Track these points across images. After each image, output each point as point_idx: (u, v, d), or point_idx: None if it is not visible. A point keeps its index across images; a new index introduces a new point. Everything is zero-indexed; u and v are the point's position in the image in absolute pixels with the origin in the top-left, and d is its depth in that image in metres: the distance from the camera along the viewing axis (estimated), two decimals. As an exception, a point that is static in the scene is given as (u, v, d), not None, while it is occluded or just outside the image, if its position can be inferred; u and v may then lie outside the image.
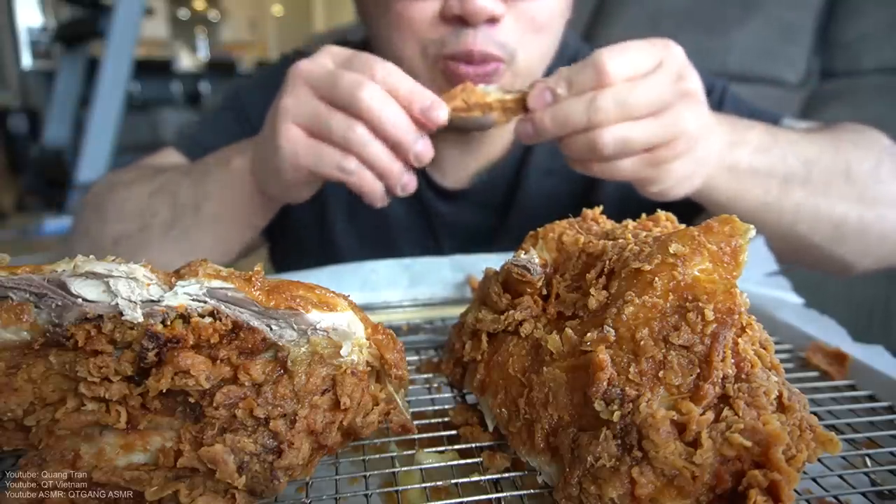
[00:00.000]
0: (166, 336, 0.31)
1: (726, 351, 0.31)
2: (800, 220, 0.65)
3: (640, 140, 0.51)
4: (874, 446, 0.38)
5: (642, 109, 0.50)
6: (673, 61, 0.52)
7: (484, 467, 0.37)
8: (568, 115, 0.51)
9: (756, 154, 0.61)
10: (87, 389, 0.32)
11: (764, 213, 0.63)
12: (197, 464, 0.31)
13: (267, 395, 0.33)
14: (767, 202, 0.63)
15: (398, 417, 0.39)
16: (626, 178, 0.55)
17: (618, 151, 0.51)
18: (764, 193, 0.62)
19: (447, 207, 0.84)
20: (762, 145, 0.61)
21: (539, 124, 0.52)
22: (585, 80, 0.50)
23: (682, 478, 0.29)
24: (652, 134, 0.51)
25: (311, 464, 0.34)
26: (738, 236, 0.35)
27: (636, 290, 0.34)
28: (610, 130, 0.50)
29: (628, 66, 0.50)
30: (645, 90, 0.50)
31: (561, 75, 0.52)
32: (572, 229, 0.44)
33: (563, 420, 0.34)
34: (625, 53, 0.50)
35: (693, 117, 0.52)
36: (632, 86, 0.50)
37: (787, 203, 0.63)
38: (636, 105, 0.50)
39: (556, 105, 0.52)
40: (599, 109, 0.49)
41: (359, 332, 0.35)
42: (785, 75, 1.47)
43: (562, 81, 0.51)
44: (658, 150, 0.52)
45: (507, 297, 0.42)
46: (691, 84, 0.52)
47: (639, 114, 0.50)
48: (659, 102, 0.51)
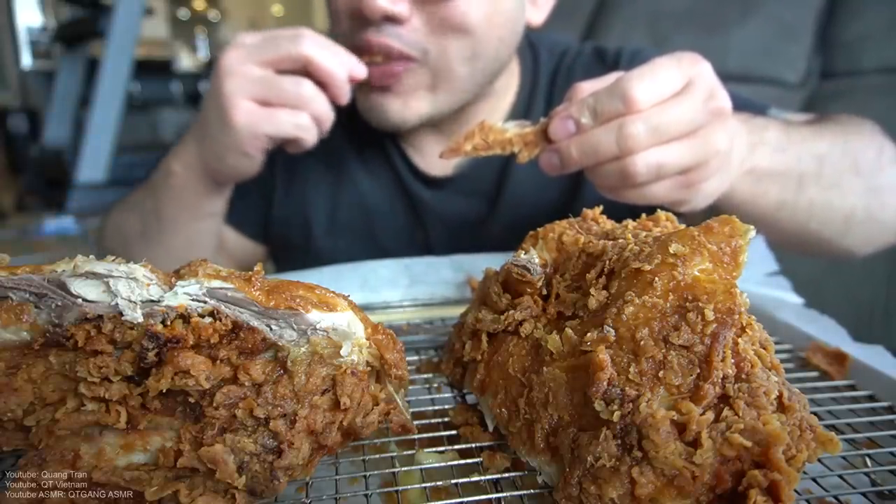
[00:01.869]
0: (166, 336, 0.31)
1: (726, 351, 0.31)
2: (813, 217, 0.64)
3: (674, 164, 0.49)
4: (874, 446, 0.38)
5: (674, 133, 0.48)
6: (702, 80, 0.49)
7: (484, 467, 0.37)
8: (597, 144, 0.49)
9: (774, 154, 0.60)
10: (87, 389, 0.32)
11: (780, 211, 0.63)
12: (197, 464, 0.31)
13: (267, 395, 0.33)
14: (784, 201, 0.62)
15: (398, 417, 0.39)
16: (659, 202, 0.53)
17: (651, 177, 0.49)
18: (781, 192, 0.61)
19: (432, 195, 0.84)
20: (779, 145, 0.60)
21: (565, 155, 0.50)
22: (612, 108, 0.48)
23: (682, 478, 0.29)
24: (686, 157, 0.49)
25: (311, 464, 0.34)
26: (738, 237, 0.35)
27: (636, 290, 0.34)
28: (642, 157, 0.48)
29: (656, 90, 0.48)
30: (676, 113, 0.48)
31: (585, 103, 0.49)
32: (572, 229, 0.44)
33: (563, 420, 0.34)
34: (652, 77, 0.48)
35: (724, 136, 0.51)
36: (662, 110, 0.48)
37: (801, 200, 0.63)
38: (668, 129, 0.48)
39: (582, 135, 0.49)
40: (630, 137, 0.47)
41: (359, 332, 0.35)
42: (785, 75, 1.47)
43: (585, 110, 0.49)
44: (691, 172, 0.51)
45: (507, 297, 0.42)
46: (721, 102, 0.50)
47: (671, 137, 0.48)
48: (691, 124, 0.49)
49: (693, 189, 0.52)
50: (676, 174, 0.50)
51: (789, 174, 0.61)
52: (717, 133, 0.50)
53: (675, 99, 0.48)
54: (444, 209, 0.84)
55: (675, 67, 0.49)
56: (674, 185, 0.51)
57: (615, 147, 0.48)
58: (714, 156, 0.50)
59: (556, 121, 0.50)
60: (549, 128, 0.51)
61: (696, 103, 0.49)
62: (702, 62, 0.50)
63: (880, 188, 0.66)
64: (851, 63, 1.43)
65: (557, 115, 0.51)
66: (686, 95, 0.48)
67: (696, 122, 0.49)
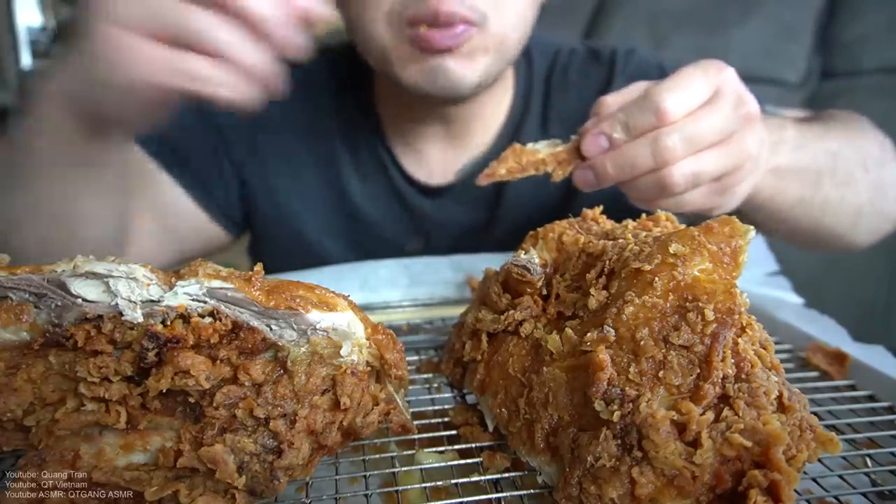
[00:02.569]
0: (166, 336, 0.31)
1: (726, 351, 0.31)
2: (827, 212, 0.65)
3: (711, 171, 0.50)
4: (874, 446, 0.38)
5: (708, 141, 0.49)
6: (729, 87, 0.50)
7: (484, 467, 0.37)
8: (633, 158, 0.48)
9: (794, 152, 0.60)
10: (86, 389, 0.32)
11: (798, 208, 0.63)
12: (197, 464, 0.31)
13: (267, 395, 0.33)
14: (802, 197, 0.63)
15: (398, 417, 0.39)
16: (694, 210, 0.54)
17: (688, 186, 0.50)
18: (800, 189, 0.62)
19: (431, 204, 0.83)
20: (797, 143, 0.61)
21: (601, 171, 0.50)
22: (645, 122, 0.48)
23: (682, 478, 0.29)
24: (721, 164, 0.50)
25: (311, 464, 0.34)
26: (738, 237, 0.35)
27: (636, 290, 0.34)
28: (679, 167, 0.48)
29: (687, 101, 0.48)
30: (709, 122, 0.48)
31: (616, 119, 0.49)
32: (572, 229, 0.44)
33: (563, 420, 0.34)
34: (681, 87, 0.48)
35: (755, 140, 0.51)
36: (695, 119, 0.48)
37: (817, 196, 0.64)
38: (702, 138, 0.48)
39: (617, 150, 0.49)
40: (666, 149, 0.47)
41: (359, 332, 0.35)
42: (785, 75, 1.47)
43: (617, 125, 0.49)
44: (726, 178, 0.51)
45: (507, 297, 0.42)
46: (751, 107, 0.50)
47: (705, 146, 0.49)
48: (724, 132, 0.49)
49: (727, 194, 0.53)
50: (712, 181, 0.51)
51: (807, 171, 0.62)
52: (748, 138, 0.50)
53: (705, 108, 0.49)
54: (444, 218, 0.84)
55: (702, 76, 0.49)
56: (709, 192, 0.52)
57: (651, 160, 0.48)
58: (747, 160, 0.51)
59: (589, 138, 0.50)
60: (582, 145, 0.51)
61: (727, 110, 0.49)
62: (727, 69, 0.50)
63: (886, 183, 0.68)
64: (851, 63, 1.43)
65: (588, 131, 0.51)
66: (716, 103, 0.49)
67: (728, 129, 0.49)
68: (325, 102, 0.84)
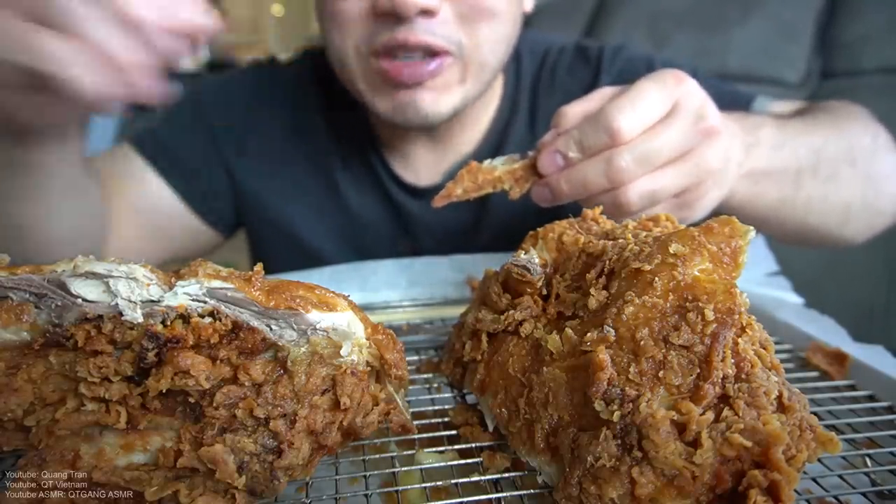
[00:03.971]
0: (166, 336, 0.31)
1: (726, 351, 0.31)
2: (811, 211, 0.64)
3: (667, 190, 0.49)
4: (874, 446, 0.38)
5: (664, 159, 0.48)
6: (689, 100, 0.48)
7: (484, 467, 0.37)
8: (585, 178, 0.48)
9: (771, 153, 0.59)
10: (87, 389, 0.32)
11: (779, 208, 0.62)
12: (197, 464, 0.31)
13: (267, 395, 0.33)
14: (783, 198, 0.62)
15: (398, 417, 0.39)
16: None
17: (646, 204, 0.49)
18: (779, 190, 0.61)
19: (419, 206, 0.83)
20: (775, 142, 0.60)
21: (556, 189, 0.50)
22: (598, 141, 0.47)
23: (682, 478, 0.29)
24: (678, 181, 0.49)
25: (311, 464, 0.34)
26: (738, 237, 0.35)
27: (636, 290, 0.34)
28: (634, 187, 0.47)
29: (641, 118, 0.47)
30: (664, 139, 0.47)
31: (571, 137, 0.48)
32: (572, 229, 0.44)
33: (563, 420, 0.34)
34: (635, 104, 0.47)
35: (717, 155, 0.50)
36: (648, 138, 0.47)
37: (799, 196, 0.62)
38: (657, 156, 0.47)
39: (571, 169, 0.49)
40: (619, 170, 0.46)
41: (359, 332, 0.35)
42: (785, 75, 1.47)
43: (572, 143, 0.48)
44: (687, 193, 0.50)
45: (507, 297, 0.42)
46: (711, 121, 0.49)
47: (661, 164, 0.48)
48: (680, 149, 0.48)
49: (690, 208, 0.52)
50: (671, 197, 0.50)
51: (786, 171, 0.61)
52: (708, 153, 0.49)
53: (661, 124, 0.47)
54: (432, 219, 0.84)
55: (660, 90, 0.48)
56: (671, 207, 0.51)
57: (604, 180, 0.47)
58: (707, 176, 0.50)
59: (544, 155, 0.50)
60: (538, 162, 0.50)
61: (685, 126, 0.48)
62: (687, 80, 0.49)
63: (876, 176, 0.66)
64: (851, 63, 1.43)
65: (545, 148, 0.50)
66: (673, 119, 0.48)
67: (685, 146, 0.48)
68: (314, 103, 0.85)
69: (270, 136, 0.84)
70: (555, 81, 0.84)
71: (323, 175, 0.84)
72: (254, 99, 0.85)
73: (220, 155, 0.83)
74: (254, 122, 0.84)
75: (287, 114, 0.84)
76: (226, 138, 0.83)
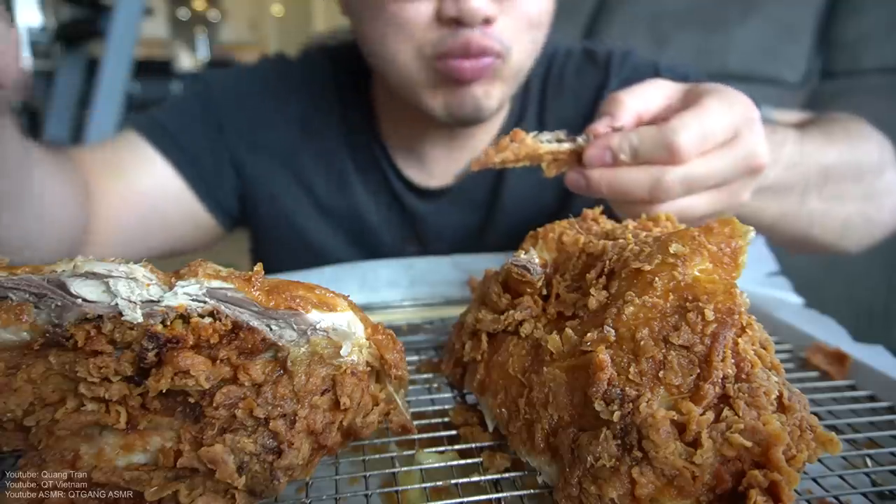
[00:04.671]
0: (166, 336, 0.31)
1: (726, 351, 0.31)
2: (813, 225, 0.65)
3: (698, 213, 0.49)
4: (874, 446, 0.38)
5: (708, 186, 0.48)
6: (748, 135, 0.48)
7: (484, 467, 0.37)
8: (629, 185, 0.48)
9: (783, 171, 0.59)
10: (86, 390, 0.32)
11: (780, 223, 0.63)
12: (197, 464, 0.31)
13: (267, 395, 0.33)
14: (784, 213, 0.62)
15: (398, 417, 0.39)
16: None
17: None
18: (782, 206, 0.62)
19: (427, 207, 0.84)
20: (791, 161, 0.60)
21: (594, 185, 0.49)
22: (656, 155, 0.47)
23: (682, 478, 0.29)
24: (710, 208, 0.49)
25: (311, 464, 0.34)
26: (738, 238, 0.35)
27: (636, 290, 0.34)
28: (669, 206, 0.48)
29: (703, 143, 0.46)
30: (715, 169, 0.47)
31: (628, 140, 0.48)
32: (572, 229, 0.44)
33: (563, 420, 0.34)
34: (703, 127, 0.46)
35: (751, 188, 0.51)
36: (702, 164, 0.47)
37: (802, 211, 0.63)
38: (703, 184, 0.47)
39: (616, 171, 0.48)
40: (666, 189, 0.47)
41: (359, 332, 0.35)
42: (785, 75, 1.47)
43: (626, 146, 0.48)
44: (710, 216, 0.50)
45: (507, 297, 0.42)
46: (761, 159, 0.49)
47: (702, 190, 0.48)
48: (725, 180, 0.48)
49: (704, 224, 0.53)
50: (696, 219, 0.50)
51: (794, 188, 0.61)
52: (746, 188, 0.50)
53: (718, 152, 0.47)
54: (440, 221, 0.84)
55: (728, 117, 0.47)
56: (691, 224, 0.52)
57: (646, 193, 0.47)
58: (737, 205, 0.51)
59: (594, 149, 0.49)
60: (585, 152, 0.50)
61: (737, 160, 0.48)
62: (754, 111, 0.49)
63: (879, 192, 0.67)
64: (851, 63, 1.43)
65: (596, 140, 0.50)
66: (729, 150, 0.48)
67: (730, 178, 0.49)
68: (324, 101, 0.84)
69: (279, 132, 0.84)
70: (563, 84, 0.84)
71: (331, 174, 0.84)
72: (263, 94, 0.85)
73: (228, 149, 0.83)
74: (263, 117, 0.84)
75: (297, 110, 0.84)
76: (234, 133, 0.83)
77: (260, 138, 0.83)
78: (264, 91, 0.85)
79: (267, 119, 0.84)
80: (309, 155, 0.84)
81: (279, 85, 0.86)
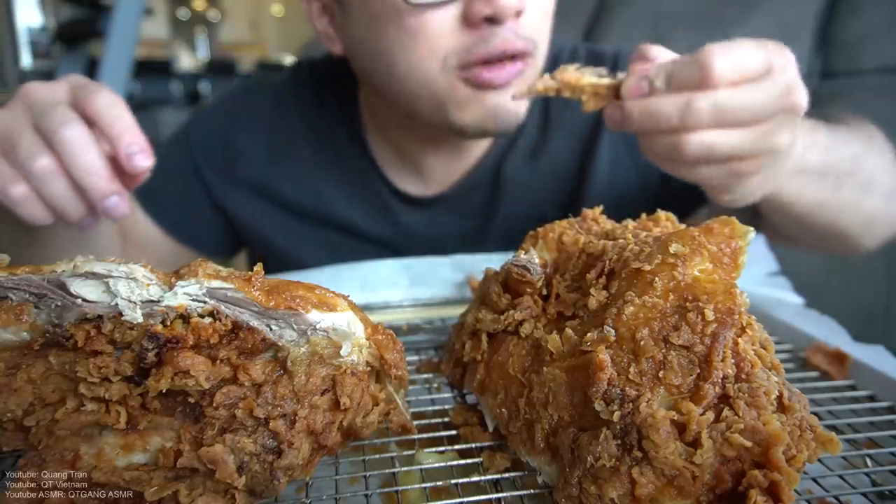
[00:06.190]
0: (166, 336, 0.31)
1: (726, 351, 0.31)
2: (844, 215, 0.64)
3: (727, 150, 0.47)
4: (874, 446, 0.38)
5: (739, 119, 0.46)
6: (784, 71, 0.47)
7: (484, 467, 0.37)
8: (659, 111, 0.47)
9: (822, 155, 0.59)
10: (86, 390, 0.32)
11: (817, 210, 0.62)
12: (197, 464, 0.31)
13: (267, 395, 0.33)
14: (821, 200, 0.61)
15: (398, 417, 0.39)
16: (702, 183, 0.52)
17: (700, 158, 0.48)
18: (820, 192, 0.61)
19: (418, 217, 0.83)
20: (828, 146, 0.59)
21: (629, 113, 0.49)
22: (688, 77, 0.46)
23: (682, 478, 0.29)
24: (740, 146, 0.47)
25: (311, 464, 0.34)
26: (738, 238, 0.35)
27: (636, 290, 0.34)
28: (698, 136, 0.46)
29: (736, 68, 0.45)
30: (747, 99, 0.46)
31: (663, 68, 0.47)
32: (572, 229, 0.44)
33: (563, 420, 0.34)
34: (735, 53, 0.45)
35: (787, 135, 0.49)
36: (734, 92, 0.45)
37: (835, 199, 0.62)
38: (733, 115, 0.46)
39: (649, 98, 0.48)
40: (693, 113, 0.45)
41: (359, 332, 0.35)
42: (785, 75, 1.47)
43: (662, 74, 0.47)
44: (742, 162, 0.49)
45: (507, 297, 0.42)
46: (798, 98, 0.47)
47: (734, 123, 0.47)
48: (758, 115, 0.47)
49: (740, 180, 0.51)
50: (726, 160, 0.49)
51: (831, 174, 0.61)
52: (781, 130, 0.48)
53: (752, 83, 0.46)
54: (431, 231, 0.83)
55: (760, 50, 0.46)
56: (721, 172, 0.50)
57: (676, 120, 0.46)
58: (769, 152, 0.49)
59: (633, 79, 0.49)
60: (623, 84, 0.50)
61: (773, 93, 0.46)
62: (788, 53, 0.48)
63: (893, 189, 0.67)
64: (851, 63, 1.43)
65: (634, 72, 0.50)
66: (763, 83, 0.46)
67: (764, 114, 0.47)
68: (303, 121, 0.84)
69: (252, 162, 0.85)
70: None
71: (313, 195, 0.84)
72: (234, 128, 0.86)
73: (211, 193, 0.85)
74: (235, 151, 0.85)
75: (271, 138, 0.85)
76: (212, 173, 0.85)
77: (236, 171, 0.85)
78: (234, 124, 0.86)
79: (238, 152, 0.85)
80: (286, 179, 0.84)
81: (250, 114, 0.86)
